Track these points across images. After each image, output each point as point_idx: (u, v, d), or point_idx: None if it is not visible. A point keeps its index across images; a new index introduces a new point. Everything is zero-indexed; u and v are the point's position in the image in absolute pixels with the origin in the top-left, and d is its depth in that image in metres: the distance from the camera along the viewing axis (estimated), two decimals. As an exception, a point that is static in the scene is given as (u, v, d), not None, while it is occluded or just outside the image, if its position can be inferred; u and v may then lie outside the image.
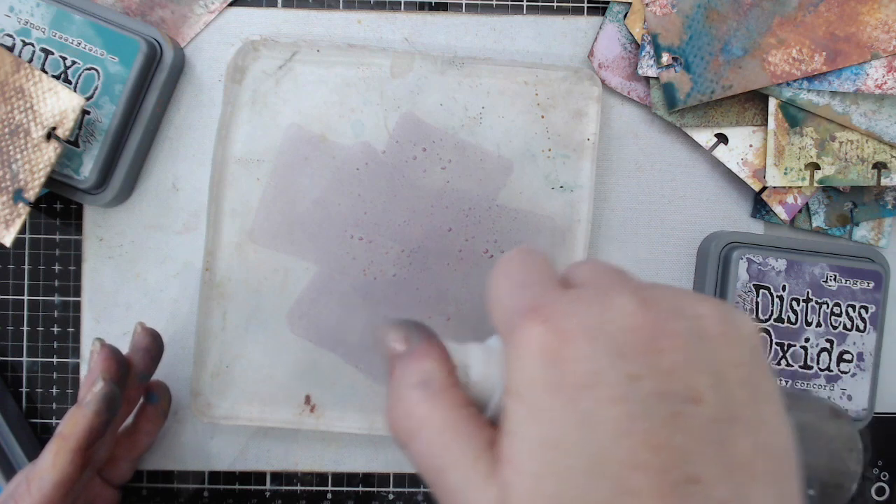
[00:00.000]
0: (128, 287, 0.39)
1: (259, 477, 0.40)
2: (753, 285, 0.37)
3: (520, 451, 0.17)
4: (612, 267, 0.21)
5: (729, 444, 0.17)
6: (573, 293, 0.19)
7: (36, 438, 0.39)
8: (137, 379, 0.35)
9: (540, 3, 0.40)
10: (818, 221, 0.39)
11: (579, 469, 0.17)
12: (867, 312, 0.37)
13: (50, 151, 0.35)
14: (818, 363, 0.37)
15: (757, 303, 0.37)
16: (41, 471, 0.30)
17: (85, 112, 0.36)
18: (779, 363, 0.37)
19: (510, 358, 0.18)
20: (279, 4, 0.40)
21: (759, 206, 0.40)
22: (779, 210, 0.39)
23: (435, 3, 0.40)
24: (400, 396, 0.20)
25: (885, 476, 0.40)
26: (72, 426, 0.30)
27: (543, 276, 0.20)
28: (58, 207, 0.40)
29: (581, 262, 0.21)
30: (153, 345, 0.35)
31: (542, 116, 0.38)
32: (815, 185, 0.38)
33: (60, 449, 0.30)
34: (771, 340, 0.37)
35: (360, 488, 0.40)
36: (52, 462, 0.30)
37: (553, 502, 0.17)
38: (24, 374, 0.40)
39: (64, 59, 0.36)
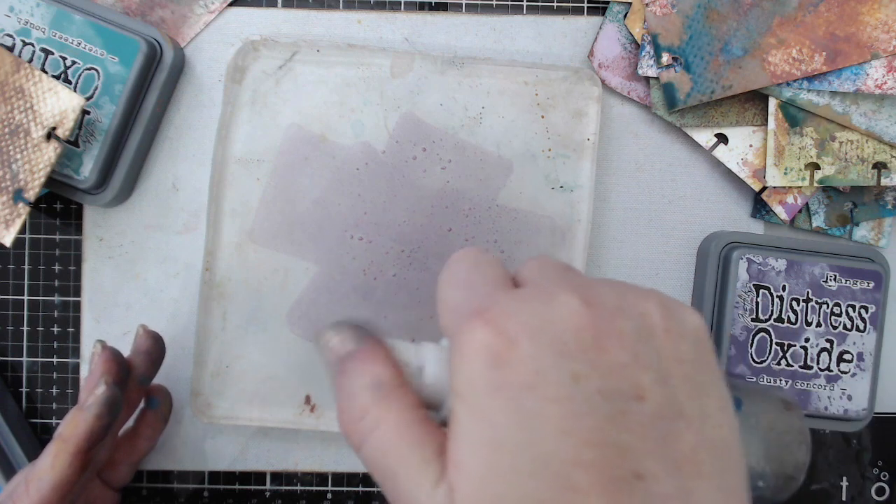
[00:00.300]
0: (128, 287, 0.39)
1: (259, 477, 0.40)
2: (753, 285, 0.37)
3: (465, 452, 0.18)
4: (558, 264, 0.21)
5: (672, 439, 0.17)
6: (516, 293, 0.19)
7: (36, 438, 0.39)
8: (138, 382, 0.35)
9: (540, 3, 0.40)
10: (818, 221, 0.39)
11: (523, 469, 0.17)
12: (867, 312, 0.37)
13: (50, 151, 0.35)
14: (818, 363, 0.37)
15: (757, 303, 0.37)
16: (40, 472, 0.30)
17: (85, 112, 0.36)
18: (779, 363, 0.37)
19: (454, 360, 0.18)
20: (279, 4, 0.40)
21: (759, 206, 0.40)
22: (779, 210, 0.39)
23: (435, 3, 0.40)
24: (350, 399, 0.20)
25: (885, 476, 0.40)
26: (72, 428, 0.30)
27: (491, 277, 0.20)
28: (58, 207, 0.40)
29: (530, 260, 0.21)
30: (155, 347, 0.35)
31: (542, 116, 0.38)
32: (815, 185, 0.38)
33: (60, 451, 0.30)
34: (771, 340, 0.37)
35: (360, 488, 0.40)
36: (52, 464, 0.30)
37: (497, 501, 0.17)
38: (24, 374, 0.40)
39: (64, 59, 0.36)
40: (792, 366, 0.37)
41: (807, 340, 0.37)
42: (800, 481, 0.25)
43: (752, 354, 0.37)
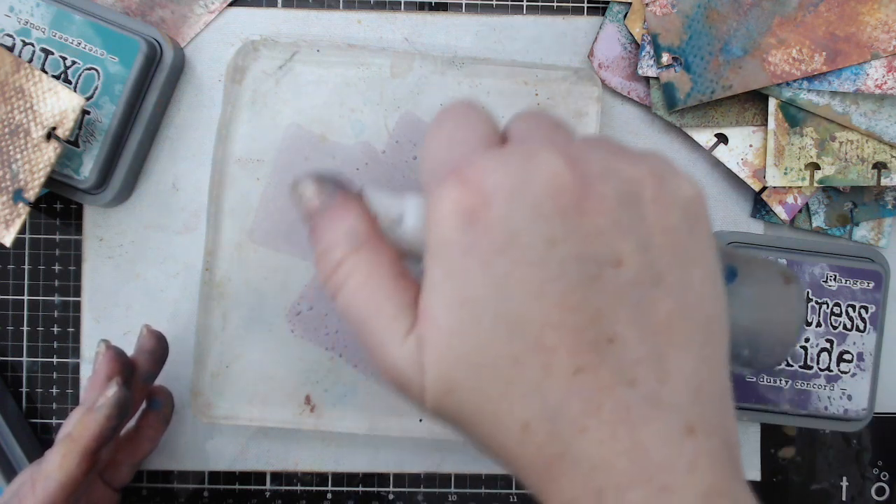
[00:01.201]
0: (128, 287, 0.39)
1: (259, 477, 0.40)
2: (753, 285, 0.37)
3: (436, 307, 0.18)
4: (550, 120, 0.20)
5: (648, 307, 0.17)
6: (498, 151, 0.18)
7: (36, 438, 0.39)
8: (141, 381, 0.35)
9: (540, 3, 0.40)
10: (818, 221, 0.39)
11: (494, 328, 0.17)
12: (867, 312, 0.37)
13: (50, 151, 0.35)
14: (818, 363, 0.37)
15: (757, 303, 0.37)
16: (47, 471, 0.30)
17: (85, 112, 0.36)
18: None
19: (430, 216, 0.18)
20: (279, 4, 0.40)
21: (759, 206, 0.40)
22: (779, 210, 0.39)
23: (435, 3, 0.40)
24: (324, 253, 0.20)
25: (885, 476, 0.40)
26: (82, 429, 0.30)
27: (476, 134, 0.19)
28: (58, 207, 0.40)
29: (521, 114, 0.21)
30: (158, 347, 0.35)
31: (542, 116, 0.38)
32: (815, 185, 0.38)
33: (69, 451, 0.30)
34: (771, 340, 0.37)
35: (360, 488, 0.40)
36: (60, 463, 0.30)
37: (467, 357, 0.17)
38: (24, 374, 0.40)
39: (64, 59, 0.36)
40: (792, 366, 0.37)
41: (807, 340, 0.37)
42: (785, 354, 0.24)
43: (752, 354, 0.37)
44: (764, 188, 0.39)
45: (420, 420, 0.37)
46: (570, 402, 0.17)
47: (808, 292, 0.37)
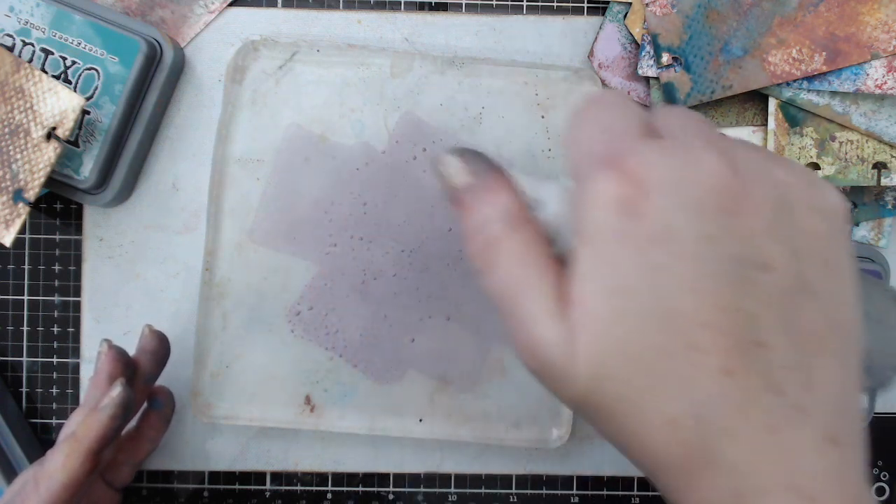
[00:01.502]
0: (128, 287, 0.39)
1: (259, 477, 0.40)
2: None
3: (590, 294, 0.18)
4: (700, 118, 0.20)
5: (797, 314, 0.17)
6: (656, 144, 0.18)
7: (36, 438, 0.39)
8: (143, 381, 0.35)
9: (540, 3, 0.40)
10: (818, 221, 0.39)
11: (649, 319, 0.17)
12: (867, 312, 0.37)
13: (50, 151, 0.35)
14: (818, 363, 0.37)
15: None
16: (51, 471, 0.30)
17: (85, 112, 0.36)
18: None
19: (582, 202, 0.18)
20: (279, 4, 0.40)
21: (759, 206, 0.40)
22: (779, 210, 0.39)
23: (435, 3, 0.40)
24: (478, 228, 0.20)
25: (885, 476, 0.40)
26: (86, 429, 0.30)
27: (627, 122, 0.19)
28: (58, 207, 0.40)
29: (669, 109, 0.21)
30: (160, 347, 0.36)
31: (542, 116, 0.38)
32: (815, 185, 0.38)
33: (73, 451, 0.30)
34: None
35: (360, 488, 0.40)
36: (63, 463, 0.30)
37: (620, 346, 0.17)
38: (24, 374, 0.40)
39: (64, 59, 0.36)
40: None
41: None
42: (894, 378, 0.25)
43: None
44: (764, 188, 0.39)
45: (420, 420, 0.37)
46: (718, 402, 0.17)
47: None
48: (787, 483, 0.16)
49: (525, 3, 0.40)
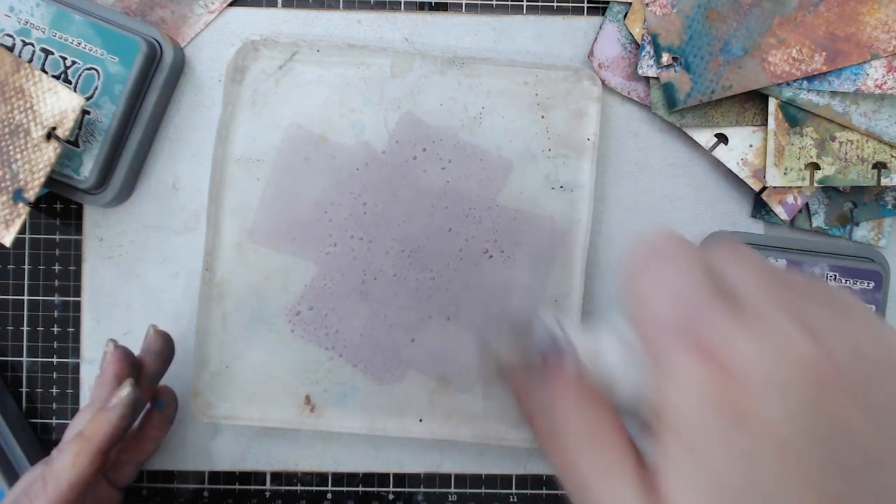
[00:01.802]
0: (128, 287, 0.39)
1: (259, 477, 0.40)
2: (753, 285, 0.37)
3: (683, 491, 0.17)
4: (768, 270, 0.19)
5: (883, 489, 0.17)
6: (737, 321, 0.17)
7: (36, 438, 0.39)
8: (148, 381, 0.35)
9: (540, 3, 0.40)
10: (818, 221, 0.39)
11: None
12: (867, 312, 0.37)
13: (50, 151, 0.34)
14: (818, 363, 0.37)
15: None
16: (59, 470, 0.30)
17: (85, 112, 0.36)
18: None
19: (667, 385, 0.17)
20: (279, 4, 0.40)
21: (759, 207, 0.40)
22: (779, 210, 0.39)
23: (435, 3, 0.40)
24: (541, 409, 0.19)
25: None
26: (95, 428, 0.30)
27: (694, 281, 0.18)
28: (58, 207, 0.40)
29: (729, 254, 0.19)
30: (165, 348, 0.36)
31: (543, 116, 0.38)
32: (815, 185, 0.38)
33: (81, 450, 0.30)
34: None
35: (360, 488, 0.40)
36: (72, 462, 0.30)
37: None
38: (24, 374, 0.40)
39: (64, 59, 0.36)
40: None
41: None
42: None
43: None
44: (764, 188, 0.39)
45: (420, 420, 0.37)
46: None
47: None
48: None
49: (525, 3, 0.40)
